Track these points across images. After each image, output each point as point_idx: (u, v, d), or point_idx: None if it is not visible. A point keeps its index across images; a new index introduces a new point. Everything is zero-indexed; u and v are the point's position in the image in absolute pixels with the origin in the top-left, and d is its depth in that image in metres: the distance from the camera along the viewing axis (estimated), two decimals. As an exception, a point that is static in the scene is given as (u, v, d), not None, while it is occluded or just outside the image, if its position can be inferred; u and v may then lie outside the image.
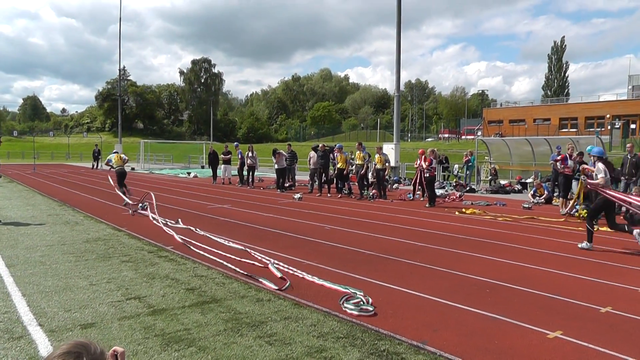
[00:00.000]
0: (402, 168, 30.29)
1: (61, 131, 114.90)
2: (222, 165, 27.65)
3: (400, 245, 10.38)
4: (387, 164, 19.64)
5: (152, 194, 17.26)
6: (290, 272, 7.91)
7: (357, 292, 6.73)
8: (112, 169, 18.81)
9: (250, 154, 25.16)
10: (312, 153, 22.94)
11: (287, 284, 7.20)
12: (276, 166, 23.15)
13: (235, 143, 29.56)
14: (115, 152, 19.30)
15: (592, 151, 10.67)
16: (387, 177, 20.86)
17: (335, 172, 21.76)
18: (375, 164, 19.83)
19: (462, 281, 7.58)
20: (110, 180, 20.04)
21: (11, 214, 14.52)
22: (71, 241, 10.56)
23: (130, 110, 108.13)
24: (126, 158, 19.19)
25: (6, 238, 10.94)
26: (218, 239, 10.55)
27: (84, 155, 70.96)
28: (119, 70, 71.50)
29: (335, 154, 21.91)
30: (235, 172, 29.95)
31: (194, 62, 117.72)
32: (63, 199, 18.77)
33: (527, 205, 17.15)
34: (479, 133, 67.88)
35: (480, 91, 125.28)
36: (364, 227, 12.63)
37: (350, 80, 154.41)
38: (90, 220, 13.48)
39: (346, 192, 20.77)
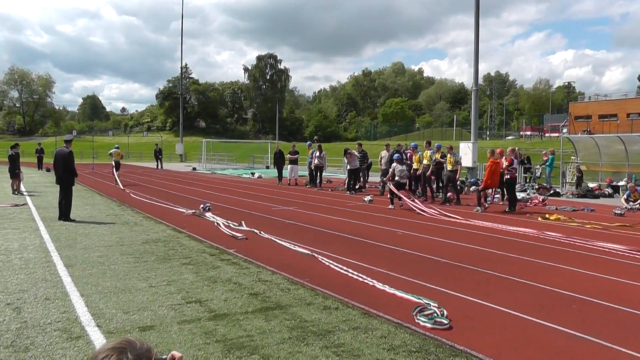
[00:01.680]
0: (480, 169, 29.60)
1: (120, 130, 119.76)
2: (289, 166, 27.95)
3: (477, 253, 10.12)
4: (458, 165, 19.24)
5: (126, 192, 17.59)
6: (360, 279, 7.85)
7: (431, 303, 6.58)
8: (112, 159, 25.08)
9: (318, 154, 25.31)
10: (384, 153, 22.83)
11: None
12: (348, 167, 23.16)
13: (309, 142, 29.82)
14: (116, 148, 29.09)
15: None
16: (461, 179, 20.43)
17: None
18: (445, 165, 19.47)
19: (546, 295, 7.28)
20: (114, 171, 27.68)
21: (71, 213, 15.16)
22: (130, 242, 10.91)
23: (192, 109, 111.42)
24: (122, 154, 24.71)
25: (64, 238, 11.42)
26: (283, 242, 10.63)
27: (144, 154, 73.50)
28: (181, 68, 73.85)
29: (409, 154, 21.69)
30: (303, 173, 30.18)
31: (259, 58, 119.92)
32: (121, 199, 19.51)
33: (619, 212, 16.37)
34: (565, 130, 65.53)
35: (567, 83, 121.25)
36: (438, 233, 12.41)
37: (425, 74, 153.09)
38: (150, 221, 13.90)
39: (420, 194, 20.50)
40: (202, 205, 16.11)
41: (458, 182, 19.73)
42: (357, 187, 23.60)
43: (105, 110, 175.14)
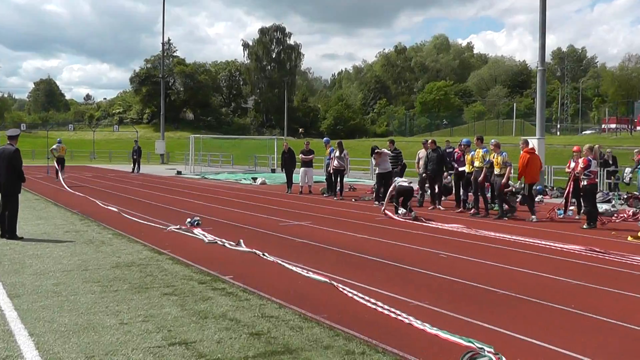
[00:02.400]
0: (549, 173, 29.41)
1: (84, 124, 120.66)
2: (301, 169, 27.95)
3: (546, 282, 10.01)
4: (507, 168, 19.08)
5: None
6: (392, 315, 7.78)
7: (486, 348, 6.50)
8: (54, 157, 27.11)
9: (338, 154, 25.27)
10: (422, 152, 22.75)
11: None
12: (377, 170, 23.09)
13: (325, 139, 29.69)
14: (59, 143, 33.78)
15: None
16: (512, 186, 20.25)
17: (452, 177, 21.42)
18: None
19: (642, 336, 7.18)
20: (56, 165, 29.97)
21: (18, 229, 15.27)
22: (96, 266, 10.93)
23: (176, 96, 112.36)
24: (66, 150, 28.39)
25: (9, 260, 11.47)
26: (293, 267, 10.59)
27: (114, 154, 74.11)
28: (163, 44, 74.21)
29: (456, 154, 21.53)
30: (320, 178, 30.16)
31: (263, 32, 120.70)
32: (84, 212, 19.56)
33: None
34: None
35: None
36: (493, 256, 12.31)
37: (476, 51, 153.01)
38: (122, 239, 13.96)
39: (470, 205, 20.37)
40: (189, 220, 16.13)
41: (511, 189, 19.57)
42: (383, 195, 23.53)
43: (64, 98, 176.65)
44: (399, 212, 19.08)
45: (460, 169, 21.07)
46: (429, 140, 23.07)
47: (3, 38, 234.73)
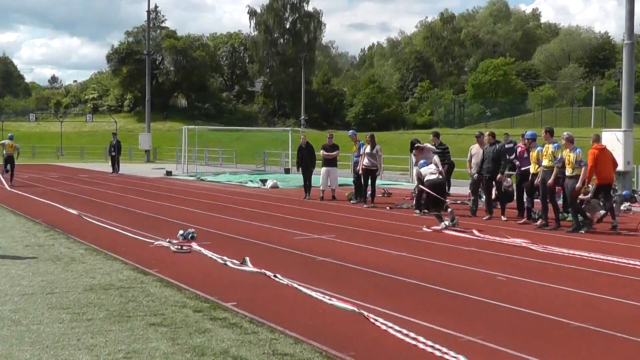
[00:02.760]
0: (637, 173, 29.19)
1: (49, 113, 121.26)
2: (323, 168, 27.96)
3: (635, 313, 9.97)
4: (583, 169, 18.97)
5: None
6: (437, 353, 7.76)
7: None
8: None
9: (368, 149, 25.20)
10: (476, 148, 22.64)
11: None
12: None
13: (351, 131, 29.56)
14: (10, 138, 35.38)
15: None
16: (588, 191, 20.12)
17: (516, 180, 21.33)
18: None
19: None
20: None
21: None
22: (64, 288, 10.99)
23: (165, 77, 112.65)
24: (18, 148, 30.05)
25: (-39, 281, 11.58)
26: (313, 293, 10.59)
27: (87, 150, 74.43)
28: (148, 12, 74.48)
29: (519, 149, 21.42)
30: (346, 180, 30.13)
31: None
32: (50, 221, 19.64)
33: None
34: None
35: None
36: (566, 279, 12.26)
37: (543, 20, 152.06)
38: (97, 256, 14.05)
39: (537, 215, 20.29)
40: (182, 232, 16.19)
41: (588, 196, 19.46)
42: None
43: (24, 81, 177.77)
44: (443, 223, 18.76)
45: (523, 168, 20.98)
46: (486, 133, 22.81)
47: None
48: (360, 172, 25.78)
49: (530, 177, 20.15)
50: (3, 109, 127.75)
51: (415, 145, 23.15)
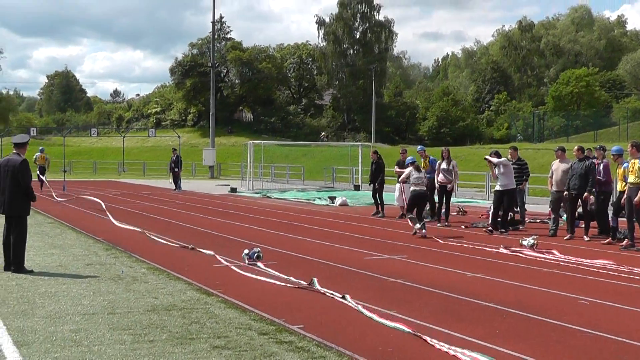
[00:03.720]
0: None
1: (111, 128, 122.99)
2: (397, 185, 27.96)
3: None
4: None
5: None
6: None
7: None
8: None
9: (445, 165, 25.00)
10: (557, 164, 22.35)
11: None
12: (497, 185, 22.82)
13: (420, 147, 29.38)
14: (41, 151, 39.18)
15: None
16: None
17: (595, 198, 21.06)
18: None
19: None
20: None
21: (27, 260, 15.62)
22: (126, 308, 11.13)
23: (230, 90, 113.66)
24: (48, 159, 32.80)
25: (15, 299, 11.77)
26: (383, 320, 10.52)
27: (149, 166, 75.17)
28: (213, 23, 75.07)
29: (602, 165, 21.11)
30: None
31: (343, 5, 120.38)
32: (111, 239, 19.97)
33: None
34: None
35: None
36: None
37: (629, 27, 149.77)
38: (159, 275, 14.21)
39: (623, 235, 19.95)
40: (247, 251, 16.23)
41: None
42: (509, 220, 23.28)
43: (86, 95, 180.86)
44: (416, 227, 21.56)
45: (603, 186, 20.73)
46: (575, 148, 22.32)
47: (9, 21, 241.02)
48: (438, 187, 25.54)
49: (617, 195, 19.89)
50: (64, 123, 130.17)
51: (496, 153, 23.09)
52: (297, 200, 38.19)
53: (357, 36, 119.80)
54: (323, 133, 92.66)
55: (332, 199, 35.80)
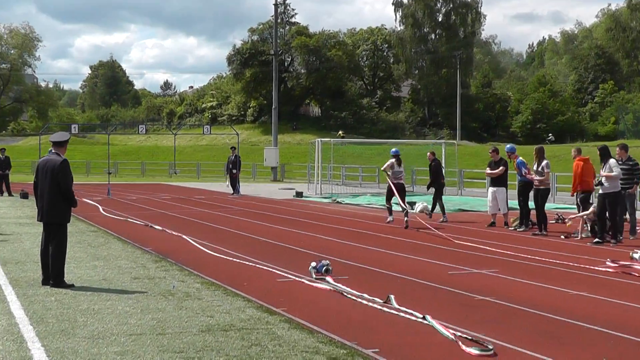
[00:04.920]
0: None
1: (161, 124, 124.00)
2: (489, 189, 28.13)
3: None
4: None
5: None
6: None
7: None
8: None
9: (536, 167, 24.85)
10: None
11: None
12: (601, 189, 22.57)
13: (509, 145, 29.17)
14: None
15: None
16: None
17: None
18: None
19: None
20: None
21: (67, 273, 15.80)
22: (178, 328, 11.19)
23: (295, 82, 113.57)
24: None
25: (55, 317, 11.88)
26: (473, 350, 10.45)
27: (203, 167, 75.78)
28: (275, 5, 75.37)
29: None
30: (514, 203, 29.75)
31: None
32: (161, 250, 20.14)
33: None
34: None
35: None
36: None
37: None
38: (215, 291, 14.23)
39: None
40: (314, 264, 16.22)
41: None
42: (617, 229, 22.99)
43: (133, 87, 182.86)
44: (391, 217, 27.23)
45: None
46: None
47: (48, 6, 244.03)
48: (535, 190, 25.40)
49: None
50: (109, 120, 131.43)
51: (605, 154, 22.76)
52: (371, 206, 38.15)
53: (440, 19, 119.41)
54: (341, 133, 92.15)
55: (412, 204, 35.59)
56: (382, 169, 30.51)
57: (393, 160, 28.17)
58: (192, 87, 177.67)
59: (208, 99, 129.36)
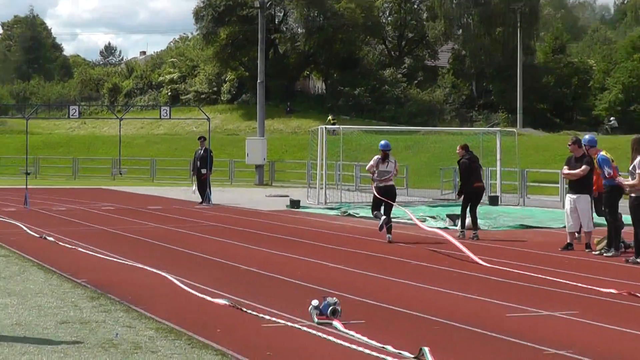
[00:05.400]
0: None
1: (101, 105, 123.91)
2: (567, 198, 27.99)
3: None
4: None
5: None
6: None
7: None
8: None
9: (632, 167, 24.81)
10: None
11: None
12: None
13: (588, 136, 29.24)
14: None
15: None
16: None
17: None
18: None
19: None
20: None
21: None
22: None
23: (290, 46, 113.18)
24: None
25: None
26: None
27: (159, 165, 75.70)
28: None
29: None
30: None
31: None
32: (99, 282, 20.09)
33: None
34: None
35: None
36: None
37: None
38: (174, 341, 14.05)
39: None
40: (316, 303, 16.11)
41: None
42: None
43: (62, 53, 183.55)
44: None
45: None
46: None
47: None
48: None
49: None
50: (28, 98, 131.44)
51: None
52: (395, 219, 38.09)
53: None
54: (331, 118, 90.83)
55: (453, 218, 35.56)
56: (366, 168, 33.03)
57: (378, 157, 30.51)
58: (144, 53, 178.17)
59: (167, 70, 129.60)
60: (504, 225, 34.17)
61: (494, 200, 45.61)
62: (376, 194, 30.42)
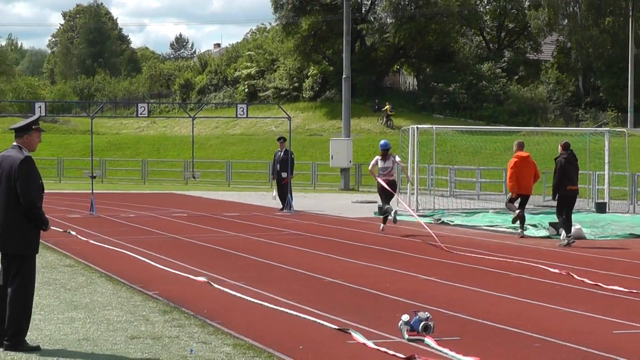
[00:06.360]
0: None
1: (172, 103, 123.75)
2: None
3: None
4: None
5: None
6: None
7: None
8: None
9: None
10: None
11: None
12: None
13: None
14: None
15: None
16: None
17: None
18: None
19: None
20: None
21: (31, 330, 15.78)
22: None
23: (378, 37, 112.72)
24: None
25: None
26: None
27: (236, 167, 75.61)
28: None
29: None
30: None
31: None
32: (172, 295, 20.30)
33: None
34: None
35: None
36: None
37: None
38: (254, 358, 14.13)
39: None
40: (406, 318, 16.20)
41: None
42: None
43: (128, 45, 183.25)
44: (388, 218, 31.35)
45: None
46: None
47: None
48: None
49: None
50: (93, 96, 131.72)
51: None
52: (493, 228, 37.99)
53: None
54: (388, 106, 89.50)
55: (556, 227, 35.35)
56: (369, 169, 37.87)
57: (378, 157, 34.78)
58: (218, 45, 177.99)
59: (243, 64, 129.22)
60: (612, 234, 33.96)
61: (601, 207, 45.30)
62: (383, 183, 35.54)
